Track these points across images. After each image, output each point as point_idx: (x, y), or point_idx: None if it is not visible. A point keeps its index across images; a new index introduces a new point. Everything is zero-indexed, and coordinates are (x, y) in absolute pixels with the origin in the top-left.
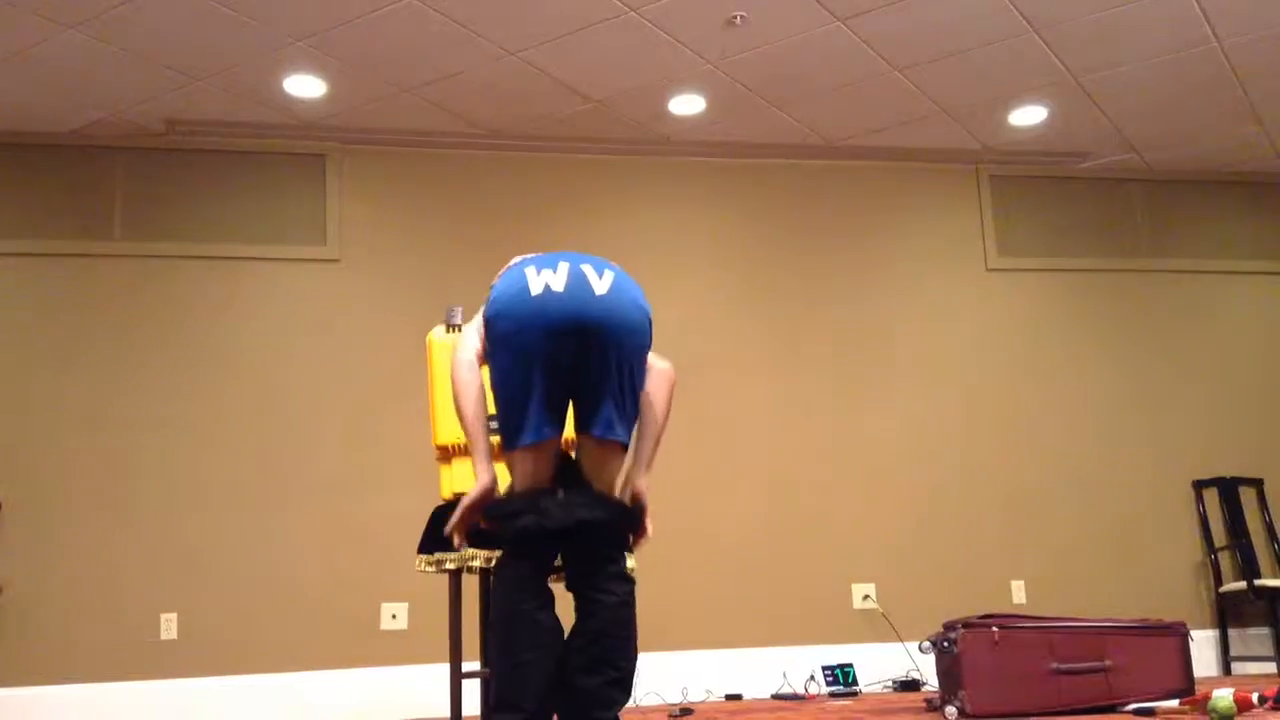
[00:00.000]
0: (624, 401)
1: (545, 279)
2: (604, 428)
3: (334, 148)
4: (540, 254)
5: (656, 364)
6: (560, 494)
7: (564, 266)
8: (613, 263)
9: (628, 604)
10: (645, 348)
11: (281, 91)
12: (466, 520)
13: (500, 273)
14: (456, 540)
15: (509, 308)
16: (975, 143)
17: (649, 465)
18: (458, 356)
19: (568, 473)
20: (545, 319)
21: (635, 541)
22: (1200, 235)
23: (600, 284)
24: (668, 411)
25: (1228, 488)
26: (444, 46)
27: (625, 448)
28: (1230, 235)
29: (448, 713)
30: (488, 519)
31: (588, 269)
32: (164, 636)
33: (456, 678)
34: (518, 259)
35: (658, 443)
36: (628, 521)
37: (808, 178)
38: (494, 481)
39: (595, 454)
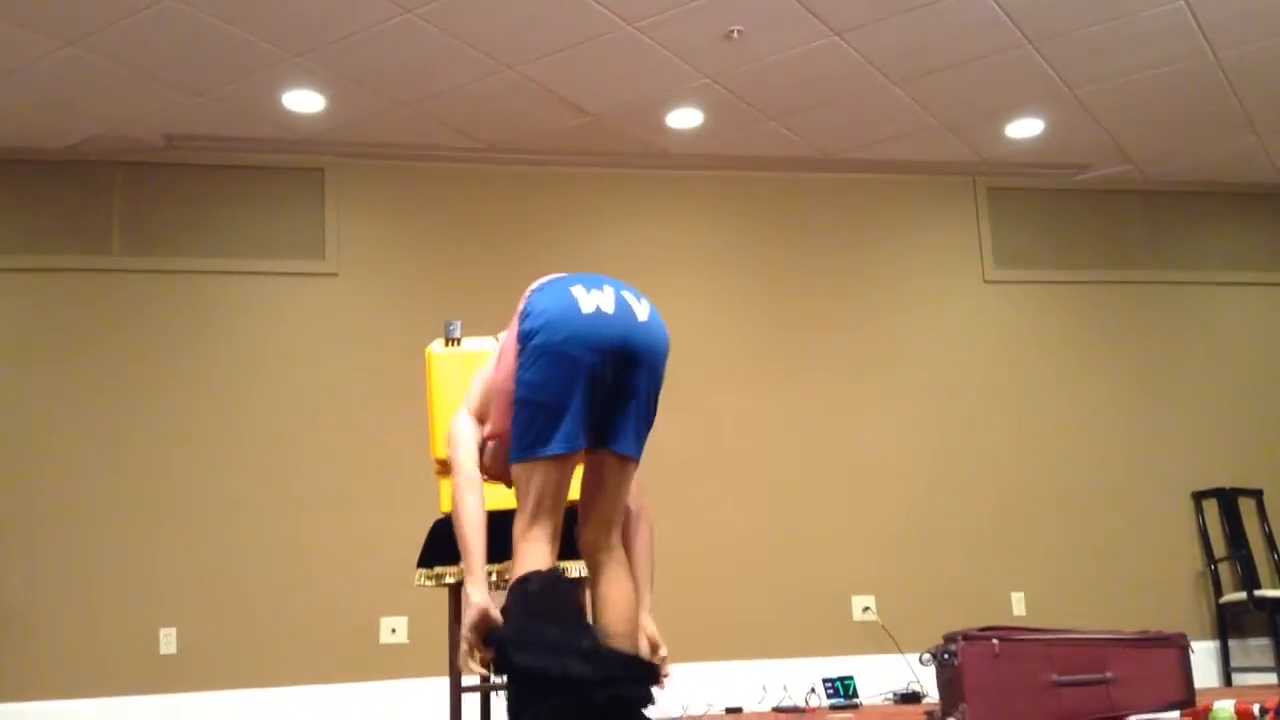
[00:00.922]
0: (646, 422)
1: (595, 299)
2: (628, 444)
3: (332, 162)
4: (580, 274)
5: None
6: (593, 639)
7: (609, 290)
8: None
9: None
10: (659, 377)
11: (280, 107)
12: (474, 647)
13: (535, 287)
14: (476, 667)
15: (562, 320)
16: (972, 155)
17: (651, 602)
18: (458, 460)
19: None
20: (596, 338)
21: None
22: (1198, 246)
23: (641, 310)
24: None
25: (1227, 499)
26: (442, 61)
27: (636, 464)
28: (1228, 246)
29: None
30: (495, 645)
31: (629, 295)
32: (163, 651)
33: (456, 692)
34: (554, 276)
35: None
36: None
37: (805, 191)
38: (489, 605)
39: (614, 470)
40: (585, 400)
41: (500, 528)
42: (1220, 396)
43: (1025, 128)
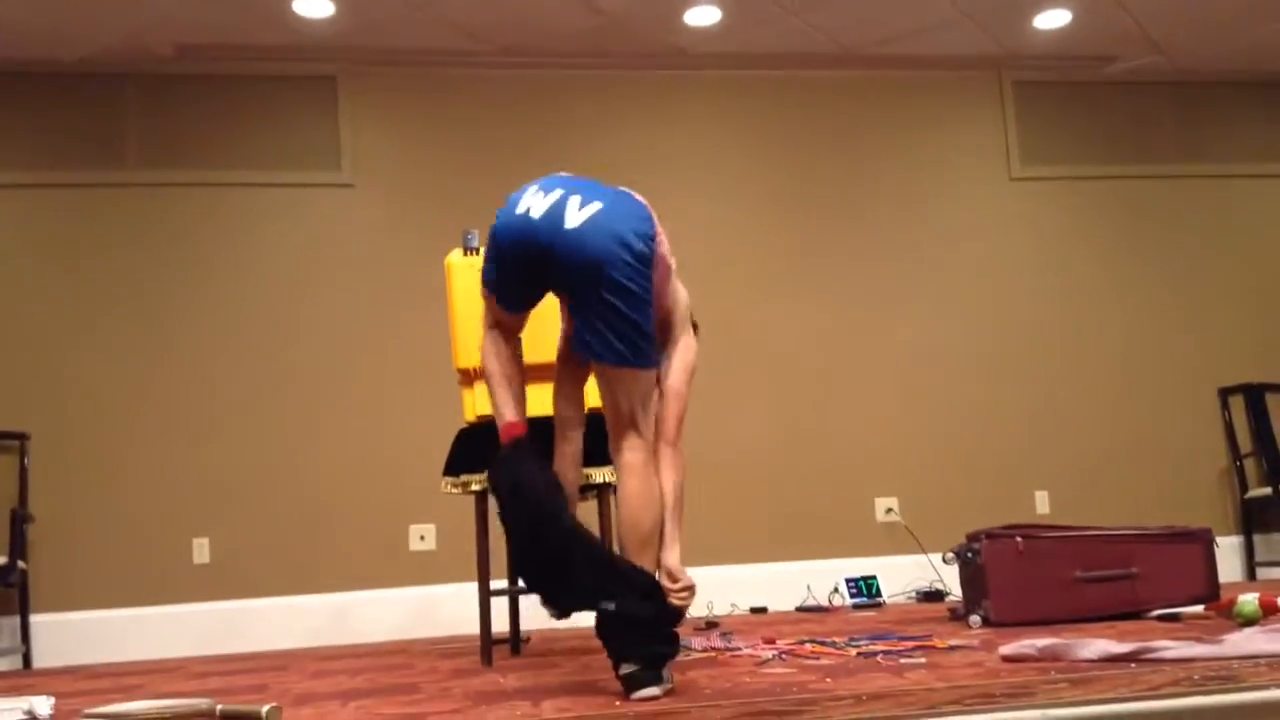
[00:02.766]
0: (601, 328)
1: (531, 202)
2: (586, 348)
3: (345, 69)
4: (561, 176)
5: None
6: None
7: (556, 194)
8: (625, 190)
9: None
10: (621, 281)
11: (291, 13)
12: None
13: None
14: None
15: (501, 218)
16: (998, 48)
17: (676, 534)
18: (485, 370)
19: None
20: (511, 238)
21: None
22: (1229, 139)
23: (577, 216)
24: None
25: (1254, 394)
26: None
27: (636, 371)
28: (1260, 137)
29: (477, 630)
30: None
31: (575, 199)
32: (196, 561)
33: (485, 596)
34: (549, 176)
35: (679, 502)
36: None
37: (826, 89)
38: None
39: (599, 375)
40: (518, 288)
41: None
42: (1249, 290)
43: (1052, 18)
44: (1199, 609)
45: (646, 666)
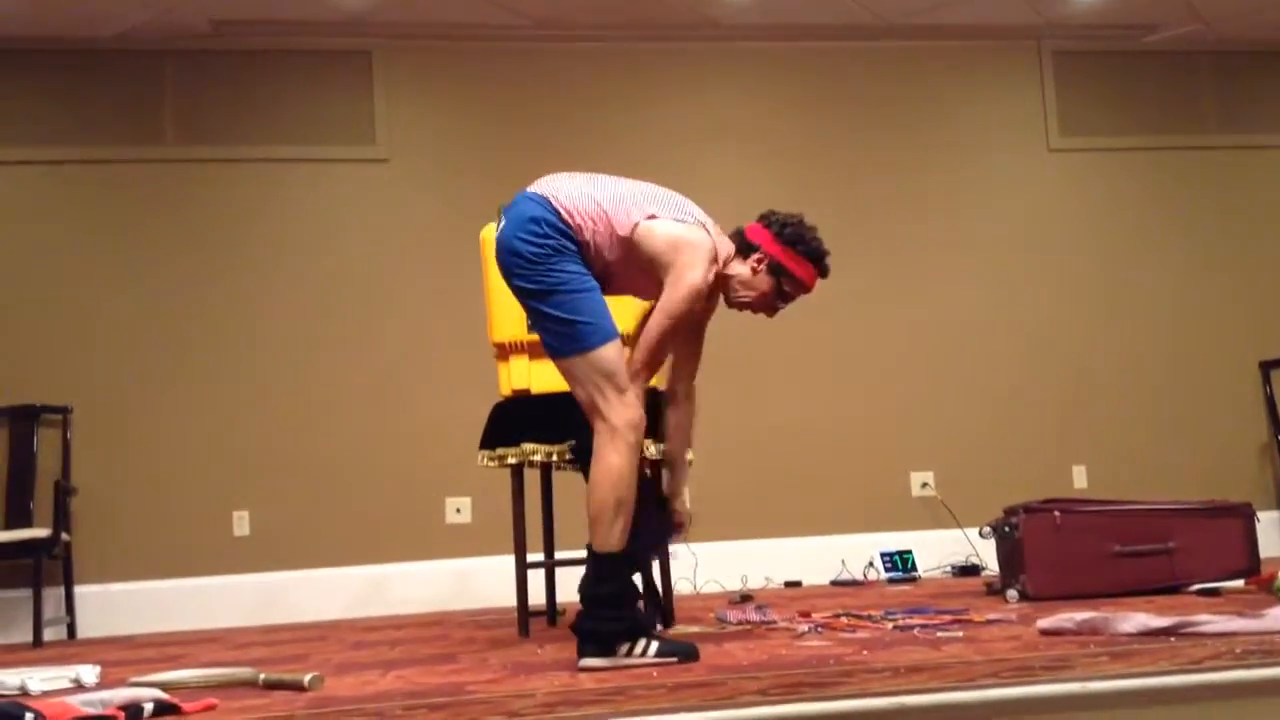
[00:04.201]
0: (541, 329)
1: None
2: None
3: (380, 44)
4: (546, 180)
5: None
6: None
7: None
8: (524, 192)
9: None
10: (524, 286)
11: None
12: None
13: None
14: None
15: None
16: (1037, 17)
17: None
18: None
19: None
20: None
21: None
22: (1270, 108)
23: (500, 226)
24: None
25: None
26: None
27: (570, 360)
28: None
29: (514, 602)
30: None
31: (506, 213)
32: (236, 533)
33: (522, 569)
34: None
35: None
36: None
37: (862, 60)
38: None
39: None
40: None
41: (563, 409)
42: None
43: None
44: (1239, 583)
45: (596, 640)
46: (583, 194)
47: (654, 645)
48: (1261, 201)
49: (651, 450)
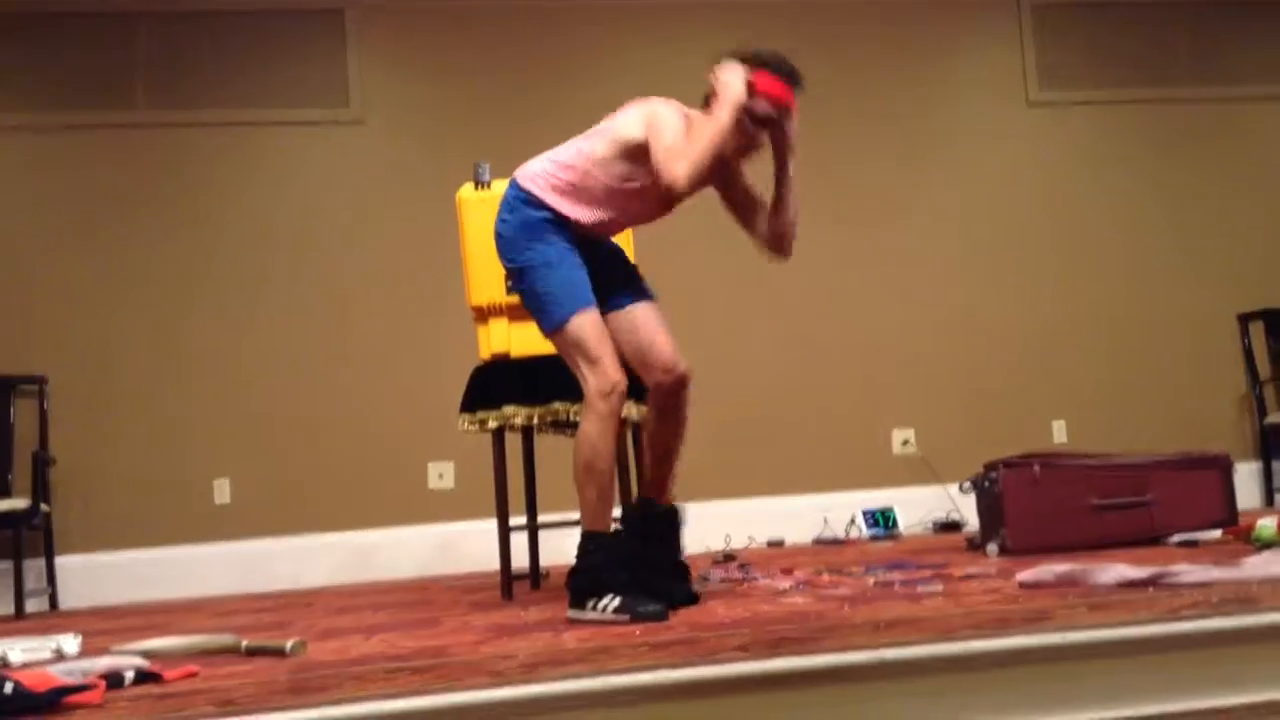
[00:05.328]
0: (525, 305)
1: None
2: None
3: (352, 3)
4: None
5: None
6: None
7: None
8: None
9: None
10: (508, 268)
11: None
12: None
13: None
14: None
15: None
16: None
17: None
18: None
19: None
20: None
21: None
22: (1248, 60)
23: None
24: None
25: (1274, 319)
26: None
27: (551, 335)
28: (1278, 59)
29: (498, 566)
30: None
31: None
32: (217, 501)
33: (504, 533)
34: None
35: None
36: None
37: (839, 15)
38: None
39: None
40: None
41: (543, 372)
42: (1269, 214)
43: None
44: (1217, 534)
45: (571, 593)
46: (543, 160)
47: (615, 602)
48: (1240, 154)
49: (633, 413)
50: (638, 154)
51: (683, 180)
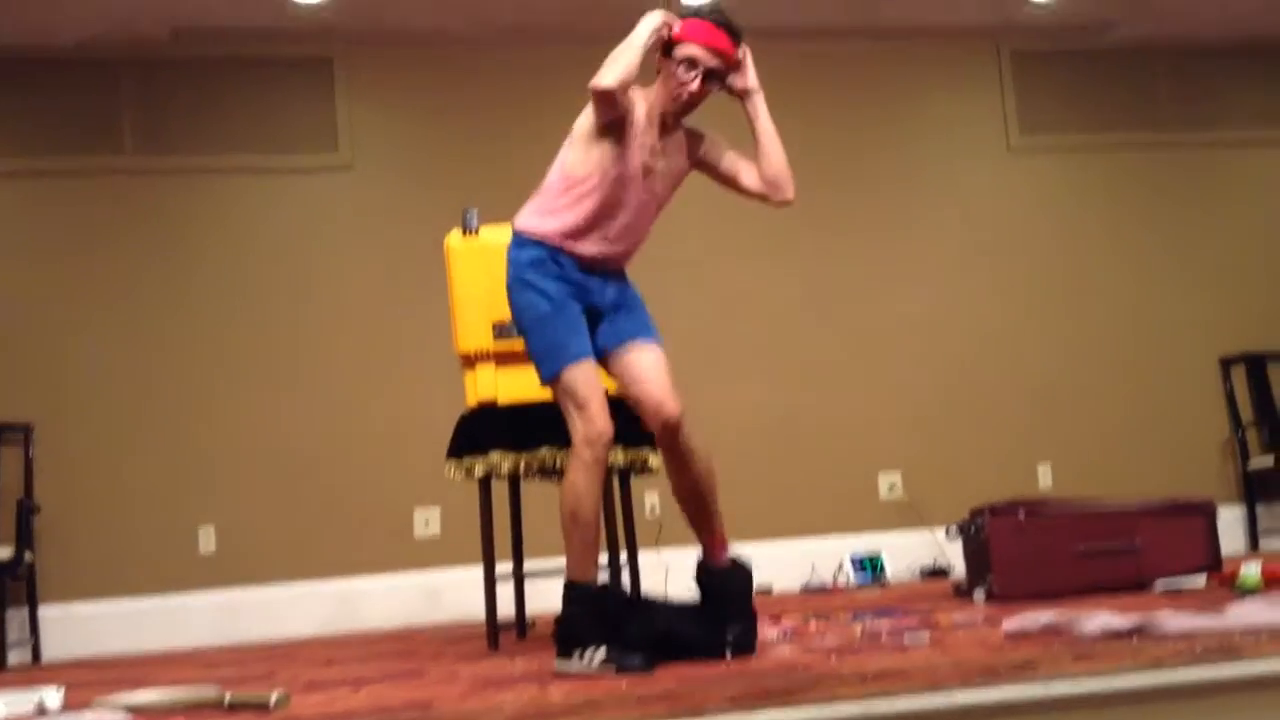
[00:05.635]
0: None
1: None
2: None
3: (341, 50)
4: None
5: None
6: None
7: None
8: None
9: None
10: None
11: None
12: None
13: None
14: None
15: None
16: (995, 19)
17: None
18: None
19: None
20: None
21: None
22: (1228, 104)
23: None
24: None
25: (1255, 363)
26: None
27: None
28: (1258, 103)
29: (483, 615)
30: None
31: None
32: (202, 549)
33: (490, 581)
34: None
35: None
36: None
37: (823, 61)
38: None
39: None
40: None
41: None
42: (1249, 258)
43: None
44: (1202, 580)
45: (558, 643)
46: (530, 201)
47: (601, 653)
48: (1219, 198)
49: (619, 459)
50: (601, 132)
51: (604, 76)
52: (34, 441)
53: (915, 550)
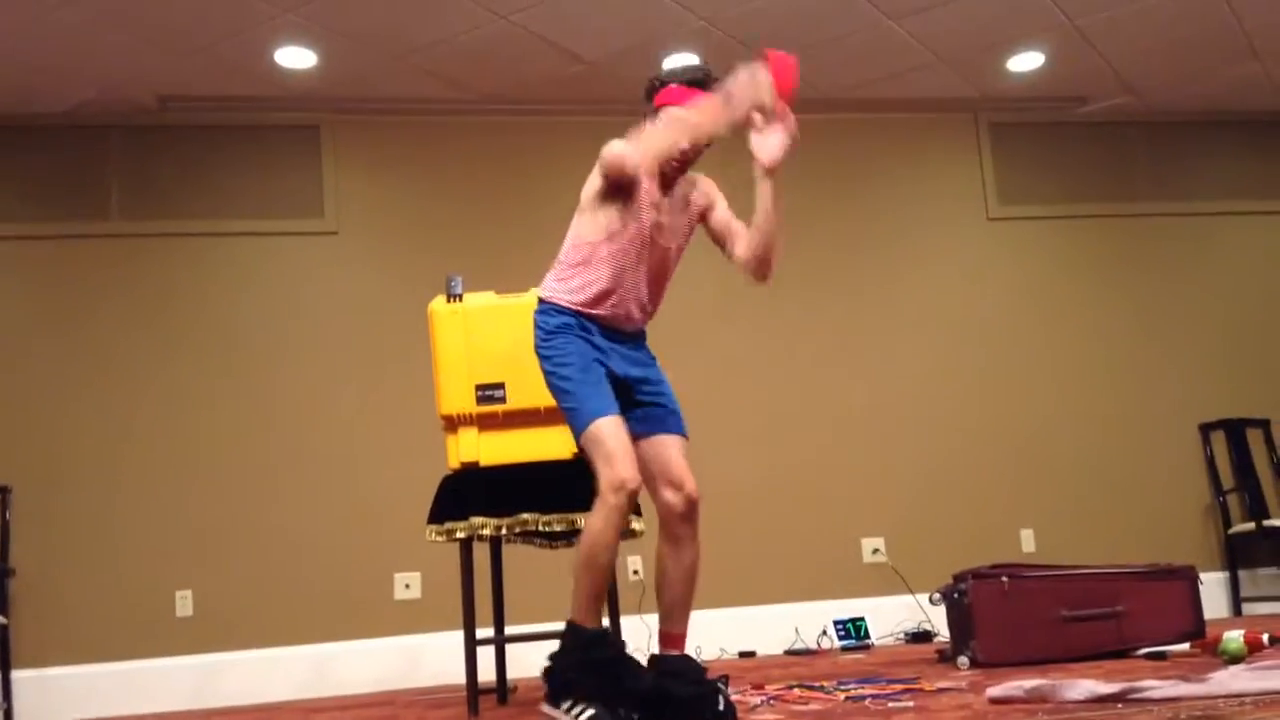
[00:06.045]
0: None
1: None
2: None
3: (328, 118)
4: None
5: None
6: None
7: None
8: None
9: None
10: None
11: (273, 64)
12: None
13: None
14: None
15: None
16: (973, 91)
17: None
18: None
19: None
20: None
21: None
22: (1202, 176)
23: None
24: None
25: (1234, 429)
26: (433, 12)
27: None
28: (1232, 175)
29: (464, 679)
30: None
31: None
32: (179, 614)
33: (471, 645)
34: None
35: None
36: None
37: (805, 132)
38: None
39: None
40: None
41: (512, 482)
42: (1226, 326)
43: (1026, 61)
44: (1185, 646)
45: (549, 687)
46: (550, 271)
47: (589, 713)
48: (1195, 266)
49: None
50: (609, 195)
51: (631, 152)
52: (11, 504)
53: (899, 614)
